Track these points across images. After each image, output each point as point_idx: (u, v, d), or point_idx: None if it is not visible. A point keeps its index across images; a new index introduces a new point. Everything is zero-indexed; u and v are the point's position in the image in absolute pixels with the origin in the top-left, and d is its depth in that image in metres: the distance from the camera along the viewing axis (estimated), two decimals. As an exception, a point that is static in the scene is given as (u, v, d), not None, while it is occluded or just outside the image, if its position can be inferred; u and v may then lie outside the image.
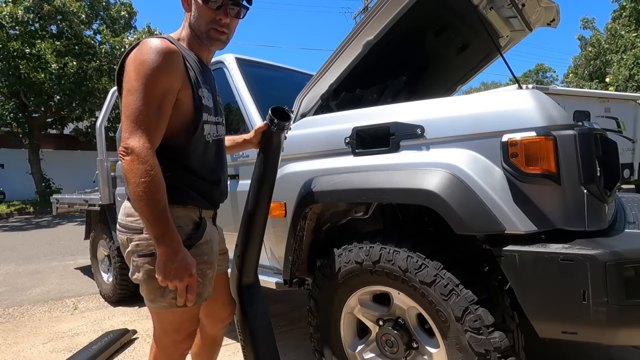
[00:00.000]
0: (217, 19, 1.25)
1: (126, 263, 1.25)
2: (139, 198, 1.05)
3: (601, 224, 1.24)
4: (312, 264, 1.92)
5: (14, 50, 11.74)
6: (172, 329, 1.27)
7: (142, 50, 1.12)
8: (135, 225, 1.19)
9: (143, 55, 1.11)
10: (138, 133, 1.07)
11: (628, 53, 15.34)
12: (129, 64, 1.13)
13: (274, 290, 2.07)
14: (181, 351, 1.31)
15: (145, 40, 1.15)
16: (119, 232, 1.24)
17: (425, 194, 1.38)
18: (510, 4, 2.20)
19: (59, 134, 17.01)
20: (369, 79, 2.23)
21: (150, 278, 1.16)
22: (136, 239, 1.18)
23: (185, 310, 1.21)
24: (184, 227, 1.20)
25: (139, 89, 1.08)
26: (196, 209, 1.27)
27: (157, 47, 1.12)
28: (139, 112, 1.08)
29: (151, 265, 1.15)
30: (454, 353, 1.40)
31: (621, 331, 1.16)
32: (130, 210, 1.21)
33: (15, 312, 3.57)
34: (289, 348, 2.46)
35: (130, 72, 1.11)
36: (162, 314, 1.23)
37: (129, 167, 1.06)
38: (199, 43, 1.29)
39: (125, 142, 1.07)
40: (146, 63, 1.10)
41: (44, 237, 8.20)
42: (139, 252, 1.18)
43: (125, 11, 14.73)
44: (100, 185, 3.56)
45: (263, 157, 1.55)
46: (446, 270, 1.39)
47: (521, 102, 1.34)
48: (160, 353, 1.31)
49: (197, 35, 1.28)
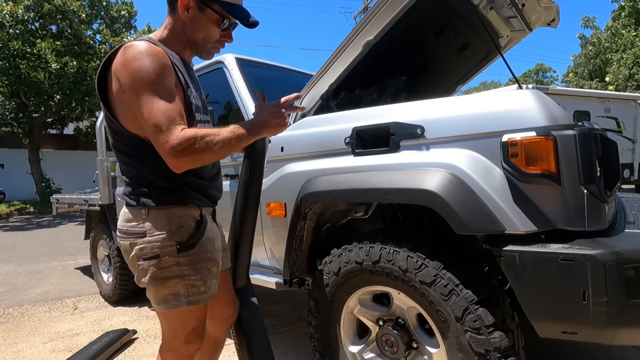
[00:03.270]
0: (221, 40, 1.28)
1: (130, 269, 1.26)
2: (225, 152, 1.15)
3: (601, 224, 1.24)
4: (312, 264, 1.91)
5: (14, 49, 11.73)
6: (181, 329, 1.27)
7: (132, 56, 1.07)
8: (137, 230, 1.18)
9: (136, 61, 1.07)
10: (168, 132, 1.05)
11: (628, 52, 15.36)
12: (122, 74, 1.08)
13: (274, 290, 2.07)
14: (191, 352, 1.31)
15: (129, 45, 1.10)
16: (121, 239, 1.24)
17: (425, 194, 1.38)
18: (510, 4, 2.20)
19: (59, 134, 17.00)
20: (369, 79, 2.23)
21: (157, 280, 1.18)
22: (140, 243, 1.18)
23: (192, 309, 1.23)
24: (186, 226, 1.21)
25: (150, 93, 1.06)
26: (197, 208, 1.27)
27: (147, 50, 1.08)
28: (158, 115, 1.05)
29: (157, 268, 1.17)
30: (454, 353, 1.40)
31: (621, 331, 1.16)
32: (129, 215, 1.21)
33: (15, 312, 3.58)
34: (289, 348, 2.46)
35: (127, 82, 1.07)
36: (170, 315, 1.24)
37: (195, 157, 1.07)
38: (185, 47, 1.27)
39: (167, 150, 1.04)
40: (142, 69, 1.06)
41: (44, 237, 8.20)
42: (144, 255, 1.17)
43: (126, 10, 14.73)
44: (100, 185, 3.56)
45: (248, 161, 1.56)
46: (446, 270, 1.39)
47: (521, 102, 1.34)
48: (171, 355, 1.31)
49: (188, 42, 1.26)
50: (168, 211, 1.19)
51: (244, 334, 1.57)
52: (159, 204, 1.18)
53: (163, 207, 1.19)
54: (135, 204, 1.19)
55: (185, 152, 1.05)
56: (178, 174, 1.17)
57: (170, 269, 1.18)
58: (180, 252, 1.18)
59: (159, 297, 1.20)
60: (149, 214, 1.18)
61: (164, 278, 1.18)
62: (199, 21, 1.23)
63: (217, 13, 1.23)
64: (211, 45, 1.28)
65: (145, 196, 1.18)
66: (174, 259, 1.18)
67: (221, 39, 1.28)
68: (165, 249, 1.17)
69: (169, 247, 1.17)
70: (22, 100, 13.51)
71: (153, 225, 1.17)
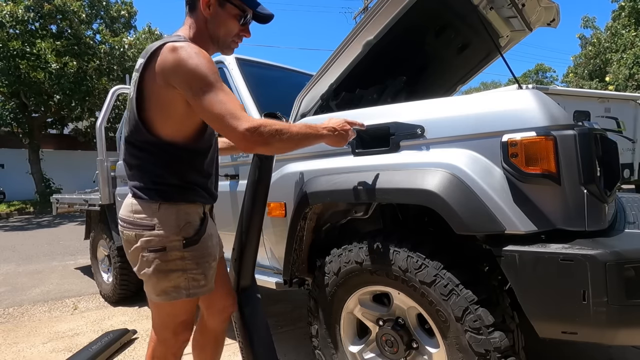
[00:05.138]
0: (240, 34, 1.36)
1: (129, 260, 1.31)
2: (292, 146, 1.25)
3: (601, 224, 1.24)
4: (312, 264, 1.92)
5: (14, 49, 11.73)
6: (171, 321, 1.33)
7: (187, 55, 1.13)
8: (145, 222, 1.23)
9: (191, 60, 1.13)
10: (239, 118, 1.12)
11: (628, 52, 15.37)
12: (175, 74, 1.14)
13: (274, 290, 2.07)
14: (179, 344, 1.36)
15: (176, 46, 1.15)
16: (125, 229, 1.27)
17: (425, 194, 1.38)
18: (510, 4, 2.20)
19: (59, 134, 17.00)
20: (369, 79, 2.23)
21: (161, 272, 1.23)
22: (147, 235, 1.23)
23: (184, 302, 1.29)
24: (192, 222, 1.28)
25: (213, 87, 1.13)
26: (201, 205, 1.34)
27: (199, 50, 1.16)
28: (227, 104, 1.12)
29: (162, 260, 1.22)
30: (454, 353, 1.40)
31: (621, 331, 1.16)
32: (137, 207, 1.25)
33: (15, 312, 3.58)
34: (289, 348, 2.46)
35: (185, 80, 1.13)
36: (163, 306, 1.30)
37: (264, 139, 1.13)
38: (208, 43, 1.32)
39: (241, 131, 1.10)
40: (200, 67, 1.13)
41: (44, 237, 8.20)
42: (150, 247, 1.23)
43: (126, 10, 14.73)
44: (100, 185, 3.55)
45: (257, 161, 1.59)
46: (446, 270, 1.39)
47: (521, 102, 1.34)
48: (160, 346, 1.36)
49: (211, 38, 1.32)
50: (177, 207, 1.26)
51: (248, 332, 1.58)
52: (169, 200, 1.25)
53: (173, 203, 1.25)
54: (147, 197, 1.24)
55: (258, 133, 1.12)
56: (190, 174, 1.27)
57: (174, 263, 1.24)
58: (186, 247, 1.25)
59: (159, 289, 1.25)
60: (159, 208, 1.24)
61: (168, 271, 1.24)
62: (220, 17, 1.29)
63: (236, 6, 1.30)
64: (231, 39, 1.35)
65: (157, 192, 1.24)
66: (180, 253, 1.24)
67: (240, 33, 1.35)
68: (172, 243, 1.23)
69: (175, 241, 1.23)
70: (22, 100, 13.50)
71: (162, 220, 1.23)
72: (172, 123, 1.22)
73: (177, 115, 1.20)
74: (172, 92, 1.16)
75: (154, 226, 1.22)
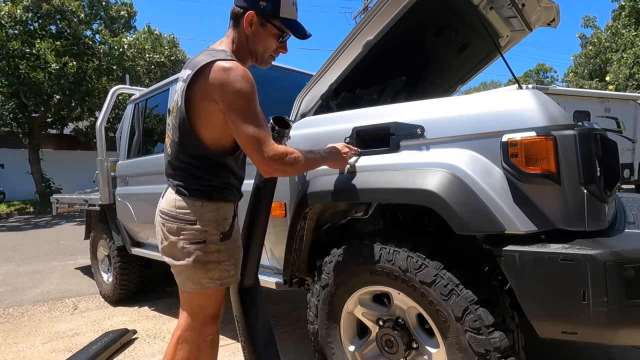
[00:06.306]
0: (277, 50, 1.47)
1: (163, 252, 1.42)
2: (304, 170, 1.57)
3: (601, 224, 1.24)
4: (312, 264, 1.92)
5: (13, 49, 11.72)
6: (200, 312, 1.43)
7: (233, 79, 1.25)
8: (188, 217, 1.35)
9: (237, 83, 1.25)
10: (266, 145, 1.28)
11: (628, 52, 15.37)
12: (221, 93, 1.26)
13: (274, 290, 2.07)
14: (204, 336, 1.44)
15: (227, 66, 1.26)
16: (167, 222, 1.38)
17: (425, 194, 1.38)
18: (510, 4, 2.20)
19: (59, 134, 16.99)
20: (369, 79, 2.23)
21: (200, 263, 1.35)
22: (189, 229, 1.35)
23: (215, 292, 1.42)
24: (228, 218, 1.42)
25: (249, 113, 1.27)
26: (233, 204, 1.48)
27: (245, 74, 1.28)
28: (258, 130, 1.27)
29: (202, 252, 1.35)
30: (454, 353, 1.40)
31: (621, 331, 1.16)
32: (182, 203, 1.36)
33: (15, 312, 3.58)
34: (289, 348, 2.46)
35: (227, 101, 1.26)
36: (195, 297, 1.41)
37: (284, 167, 1.33)
38: (247, 57, 1.45)
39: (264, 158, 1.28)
40: (243, 92, 1.26)
41: (44, 237, 8.20)
42: (192, 239, 1.35)
43: (125, 11, 14.72)
44: (100, 185, 3.56)
45: None
46: (446, 270, 1.39)
47: (521, 102, 1.34)
48: (187, 334, 1.42)
49: (250, 53, 1.44)
50: (217, 205, 1.39)
51: (251, 332, 1.59)
52: (211, 198, 1.38)
53: (214, 202, 1.38)
54: (191, 195, 1.36)
55: (278, 162, 1.30)
56: (229, 177, 1.42)
57: (212, 255, 1.37)
58: (222, 241, 1.39)
59: (196, 279, 1.37)
60: (202, 206, 1.36)
61: (206, 262, 1.36)
62: (260, 35, 1.41)
63: (277, 28, 1.41)
64: (269, 55, 1.47)
65: (201, 191, 1.37)
66: (217, 246, 1.38)
67: (277, 49, 1.47)
68: (211, 237, 1.37)
69: (214, 235, 1.37)
70: (22, 100, 13.49)
71: (204, 216, 1.36)
72: (216, 132, 1.34)
73: (218, 125, 1.32)
74: (214, 106, 1.29)
75: (196, 221, 1.35)
